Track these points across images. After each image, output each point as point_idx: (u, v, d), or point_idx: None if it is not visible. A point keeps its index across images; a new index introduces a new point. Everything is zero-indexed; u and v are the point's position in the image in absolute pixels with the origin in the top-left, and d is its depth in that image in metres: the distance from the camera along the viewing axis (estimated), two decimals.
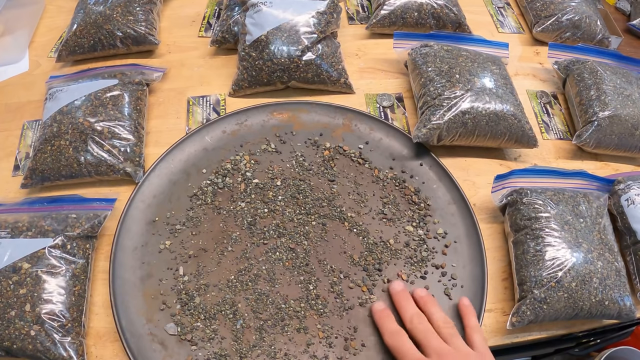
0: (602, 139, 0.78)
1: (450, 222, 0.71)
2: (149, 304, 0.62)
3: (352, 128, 0.79)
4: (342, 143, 0.78)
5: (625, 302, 0.63)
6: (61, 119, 0.72)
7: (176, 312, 0.62)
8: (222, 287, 0.64)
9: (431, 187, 0.74)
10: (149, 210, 0.70)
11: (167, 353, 0.59)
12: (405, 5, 0.91)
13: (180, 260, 0.66)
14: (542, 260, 0.62)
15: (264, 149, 0.77)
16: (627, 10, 1.13)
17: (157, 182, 0.72)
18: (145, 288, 0.64)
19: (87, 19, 0.84)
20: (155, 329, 0.61)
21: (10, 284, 0.57)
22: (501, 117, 0.74)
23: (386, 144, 0.78)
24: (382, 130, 0.79)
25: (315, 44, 0.80)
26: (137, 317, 0.61)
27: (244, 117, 0.80)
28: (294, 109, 0.81)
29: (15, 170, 0.75)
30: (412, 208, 0.72)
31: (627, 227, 0.70)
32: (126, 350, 0.58)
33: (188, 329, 0.61)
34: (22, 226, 0.62)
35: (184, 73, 0.87)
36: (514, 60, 0.94)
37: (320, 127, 0.80)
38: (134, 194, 0.70)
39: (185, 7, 0.99)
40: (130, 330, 0.60)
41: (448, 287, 0.66)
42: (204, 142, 0.77)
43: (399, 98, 0.86)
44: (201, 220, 0.70)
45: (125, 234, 0.67)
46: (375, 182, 0.74)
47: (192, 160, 0.75)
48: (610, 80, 0.81)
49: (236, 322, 0.61)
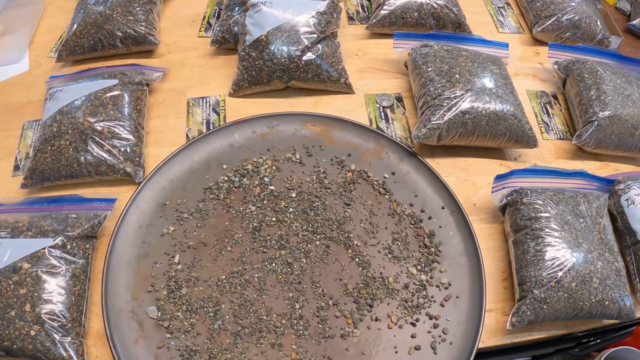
0: (602, 139, 0.78)
1: (458, 274, 0.66)
2: (138, 282, 0.63)
3: (382, 155, 0.77)
4: (368, 168, 0.75)
5: (625, 302, 0.63)
6: (61, 119, 0.72)
7: (161, 297, 0.63)
8: (211, 284, 0.64)
9: (447, 233, 0.70)
10: (162, 193, 0.71)
11: (142, 334, 0.60)
12: (405, 5, 0.91)
13: (179, 248, 0.67)
14: (542, 260, 0.62)
15: (288, 158, 0.76)
16: (627, 10, 1.13)
17: (177, 168, 0.73)
18: (139, 267, 0.65)
19: (87, 19, 0.83)
20: (138, 308, 0.62)
21: (10, 284, 0.57)
22: (501, 117, 0.74)
23: (413, 178, 0.75)
24: (412, 163, 0.76)
25: (315, 44, 0.80)
26: (124, 292, 0.62)
27: (276, 122, 0.79)
28: (329, 124, 0.79)
29: (15, 170, 0.75)
30: (421, 250, 0.68)
31: (627, 227, 0.70)
32: (104, 321, 0.59)
33: (168, 316, 0.61)
34: (22, 226, 0.62)
35: (184, 73, 0.87)
36: (514, 60, 0.94)
37: (350, 148, 0.77)
38: (151, 174, 0.71)
39: (185, 7, 0.99)
40: (114, 304, 0.61)
41: (436, 340, 0.62)
42: (232, 138, 0.77)
43: (398, 98, 0.86)
44: (209, 214, 0.70)
45: (133, 211, 0.68)
46: (391, 216, 0.71)
47: (216, 153, 0.75)
48: (610, 80, 0.81)
49: (215, 322, 0.61)
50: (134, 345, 0.59)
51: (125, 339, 0.59)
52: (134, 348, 0.59)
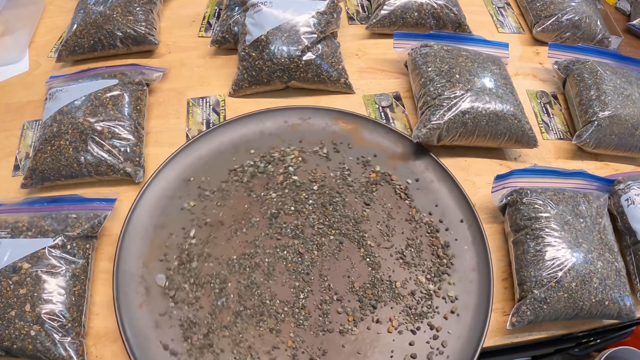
0: (602, 139, 0.78)
1: (466, 289, 0.65)
2: (152, 250, 0.66)
3: (408, 160, 0.76)
4: (393, 172, 0.75)
5: (625, 302, 0.63)
6: (61, 119, 0.72)
7: (171, 268, 0.65)
8: (221, 262, 0.66)
9: (462, 247, 0.69)
10: (189, 169, 0.73)
11: (147, 300, 0.62)
12: (405, 5, 0.91)
13: (196, 223, 0.68)
14: (542, 260, 0.62)
15: (315, 151, 0.77)
16: (627, 10, 1.13)
17: (206, 147, 0.75)
18: (155, 236, 0.67)
19: (87, 19, 0.83)
20: (148, 275, 0.64)
21: (10, 284, 0.57)
22: (501, 117, 0.74)
23: (435, 187, 0.74)
24: (437, 172, 0.75)
25: (315, 44, 0.80)
26: (137, 258, 0.65)
27: (308, 115, 0.80)
28: (359, 123, 0.79)
29: (15, 170, 0.75)
30: (433, 260, 0.67)
31: (627, 227, 0.70)
32: (112, 283, 0.61)
33: (175, 286, 0.63)
34: (22, 226, 0.62)
35: (184, 73, 0.87)
36: (514, 60, 0.94)
37: (377, 149, 0.77)
38: (181, 148, 0.74)
39: (185, 7, 0.99)
40: (125, 267, 0.63)
41: (434, 352, 0.61)
42: (264, 125, 0.78)
43: (396, 97, 0.86)
44: (230, 195, 0.71)
45: (158, 182, 0.70)
46: (409, 222, 0.71)
47: (246, 137, 0.77)
48: (610, 80, 0.81)
49: (219, 299, 0.63)
50: (138, 309, 0.61)
51: (130, 302, 0.61)
52: (137, 312, 0.61)
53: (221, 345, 0.59)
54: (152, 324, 0.60)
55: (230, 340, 0.60)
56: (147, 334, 0.60)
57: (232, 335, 0.60)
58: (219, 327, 0.61)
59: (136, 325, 0.60)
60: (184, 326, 0.60)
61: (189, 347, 0.59)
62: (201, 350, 0.59)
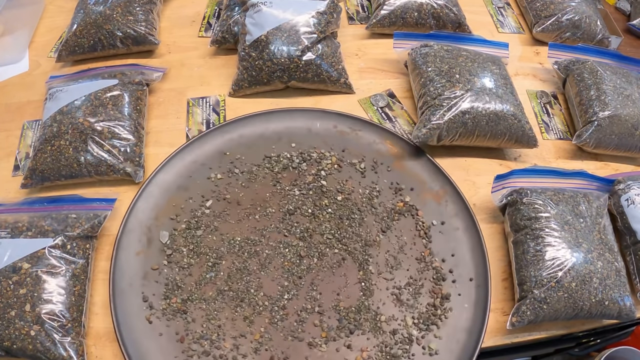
0: (602, 139, 0.78)
1: (450, 347, 0.61)
2: (167, 207, 0.69)
3: (441, 200, 0.72)
4: (421, 207, 0.72)
5: (625, 302, 0.63)
6: (61, 119, 0.72)
7: (178, 229, 0.67)
8: (225, 239, 0.67)
9: (462, 304, 0.64)
10: (229, 143, 0.76)
11: (144, 250, 0.65)
12: (405, 5, 0.91)
13: (215, 195, 0.71)
14: (542, 260, 0.62)
15: (353, 164, 0.76)
16: (627, 10, 1.13)
17: (250, 129, 0.77)
18: (174, 195, 0.71)
19: (87, 19, 0.83)
20: (155, 228, 0.67)
21: (10, 284, 0.57)
22: (501, 117, 0.74)
23: (458, 236, 0.70)
24: (466, 222, 0.70)
25: (315, 44, 0.80)
26: (151, 209, 0.69)
27: (359, 127, 0.79)
28: (406, 150, 0.77)
29: (15, 170, 0.75)
30: (428, 307, 0.64)
31: (627, 227, 0.70)
32: (120, 225, 0.65)
33: (174, 247, 0.66)
34: (22, 226, 0.62)
35: (184, 73, 0.87)
36: (514, 60, 0.94)
37: (414, 181, 0.74)
38: (226, 123, 0.77)
39: (185, 7, 0.99)
40: (137, 214, 0.67)
41: None
42: (313, 123, 0.79)
43: (390, 95, 0.86)
44: (257, 180, 0.73)
45: (193, 148, 0.74)
46: (418, 261, 0.68)
47: (291, 131, 0.78)
48: (610, 80, 0.81)
49: (209, 272, 0.64)
50: (134, 255, 0.65)
51: (129, 246, 0.65)
52: (132, 258, 0.65)
53: (194, 316, 0.61)
54: (141, 274, 0.64)
55: (204, 314, 0.62)
56: (134, 281, 0.63)
57: (207, 309, 0.62)
58: (198, 298, 0.62)
59: (127, 270, 0.63)
60: (169, 286, 0.63)
61: (165, 307, 0.62)
62: (175, 314, 0.61)
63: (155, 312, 0.61)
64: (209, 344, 0.59)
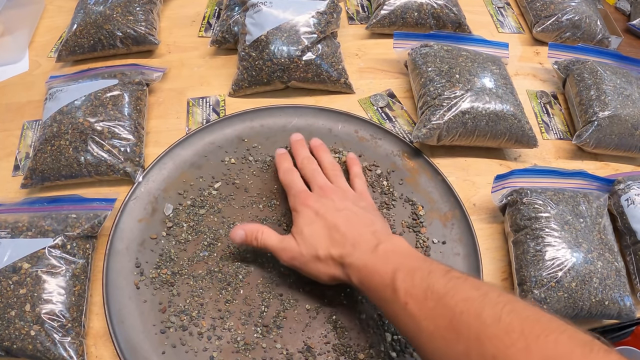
0: (602, 139, 0.78)
1: None
2: (177, 183, 0.71)
3: (447, 222, 0.71)
4: (426, 225, 0.70)
5: (625, 302, 0.63)
6: (61, 119, 0.72)
7: (183, 204, 0.69)
8: (225, 222, 0.68)
9: None
10: (250, 130, 0.77)
11: (146, 218, 0.67)
12: (405, 5, 0.91)
13: (225, 179, 0.72)
14: (542, 260, 0.62)
15: (366, 170, 0.75)
16: (627, 10, 1.13)
17: (273, 120, 0.78)
18: (186, 171, 0.72)
19: (87, 19, 0.83)
20: (161, 199, 0.69)
21: (10, 284, 0.57)
22: (501, 117, 0.74)
23: (457, 263, 0.67)
24: (467, 249, 0.68)
25: (315, 44, 0.80)
26: (162, 181, 0.71)
27: (380, 135, 0.78)
28: (423, 166, 0.75)
29: (15, 170, 0.75)
30: None
31: (627, 227, 0.70)
32: (128, 193, 0.68)
33: (176, 221, 0.67)
34: (22, 226, 0.62)
35: (184, 73, 0.87)
36: (514, 60, 0.94)
37: (425, 199, 0.73)
38: (249, 110, 0.77)
39: (185, 7, 0.99)
40: (147, 184, 0.70)
41: None
42: (335, 125, 0.79)
43: (390, 94, 0.86)
44: (269, 171, 0.73)
45: (214, 129, 0.76)
46: None
47: (312, 129, 0.78)
48: (610, 80, 0.81)
49: (203, 251, 0.66)
50: (137, 222, 0.67)
51: (132, 213, 0.67)
52: (134, 223, 0.67)
53: (180, 290, 0.62)
54: (140, 240, 0.66)
55: (190, 289, 0.62)
56: (131, 245, 0.65)
57: (194, 286, 0.63)
58: (187, 274, 0.63)
59: (127, 233, 0.66)
60: (163, 257, 0.65)
61: (155, 276, 0.63)
62: (162, 284, 0.62)
63: (144, 280, 0.63)
64: (188, 319, 0.60)
